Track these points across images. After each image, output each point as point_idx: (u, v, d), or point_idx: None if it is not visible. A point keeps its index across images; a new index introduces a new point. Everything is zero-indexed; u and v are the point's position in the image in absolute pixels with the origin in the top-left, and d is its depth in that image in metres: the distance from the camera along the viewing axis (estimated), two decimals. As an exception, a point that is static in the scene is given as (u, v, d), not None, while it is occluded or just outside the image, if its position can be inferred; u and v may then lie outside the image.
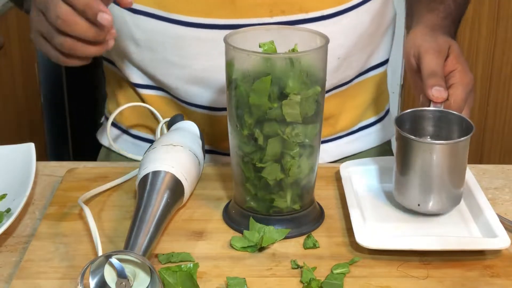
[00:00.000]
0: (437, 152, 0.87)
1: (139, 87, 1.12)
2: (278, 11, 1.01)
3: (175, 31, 1.03)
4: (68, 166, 1.05)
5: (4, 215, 0.90)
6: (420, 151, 0.88)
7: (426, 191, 0.89)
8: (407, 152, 0.89)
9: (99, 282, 0.77)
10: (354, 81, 1.14)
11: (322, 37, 0.87)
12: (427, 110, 0.94)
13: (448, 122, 0.94)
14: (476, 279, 0.81)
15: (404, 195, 0.91)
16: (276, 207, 0.89)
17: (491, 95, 2.28)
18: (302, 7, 1.02)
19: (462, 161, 0.90)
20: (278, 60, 0.83)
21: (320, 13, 1.03)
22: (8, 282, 0.81)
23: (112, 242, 0.87)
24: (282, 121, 0.84)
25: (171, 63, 1.06)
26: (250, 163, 0.87)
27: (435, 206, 0.90)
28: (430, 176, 0.88)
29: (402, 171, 0.90)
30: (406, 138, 0.88)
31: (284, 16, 1.01)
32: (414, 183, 0.89)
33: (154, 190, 0.86)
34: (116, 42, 1.11)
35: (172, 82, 1.08)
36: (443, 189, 0.89)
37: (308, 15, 1.02)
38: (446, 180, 0.89)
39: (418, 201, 0.90)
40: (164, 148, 0.93)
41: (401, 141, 0.89)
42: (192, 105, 1.09)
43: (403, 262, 0.84)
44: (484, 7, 2.19)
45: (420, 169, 0.88)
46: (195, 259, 0.84)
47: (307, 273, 0.81)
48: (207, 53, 1.03)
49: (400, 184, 0.91)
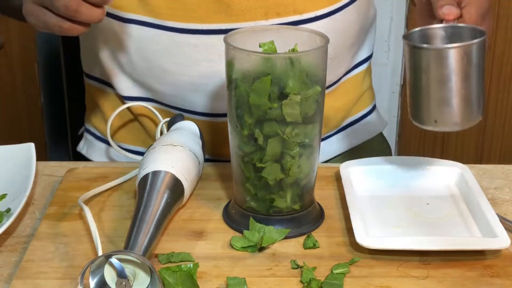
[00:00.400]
0: (451, 57, 0.81)
1: (129, 99, 1.11)
2: (273, 14, 1.01)
3: (169, 39, 1.02)
4: (68, 166, 1.05)
5: (4, 215, 0.90)
6: (432, 59, 0.82)
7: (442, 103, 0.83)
8: (419, 65, 0.83)
9: (99, 282, 0.77)
10: (342, 79, 1.15)
11: (322, 37, 0.87)
12: (436, 28, 0.87)
13: (459, 36, 0.86)
14: (476, 279, 0.81)
15: (420, 115, 0.85)
16: (276, 207, 0.89)
17: (491, 95, 2.28)
18: (296, 9, 1.02)
19: (479, 67, 0.83)
20: (278, 60, 0.83)
21: (314, 14, 1.04)
22: (8, 282, 0.81)
23: (112, 242, 0.87)
24: (282, 121, 0.84)
25: (165, 71, 1.05)
26: (250, 163, 0.87)
27: (453, 119, 0.84)
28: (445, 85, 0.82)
29: (415, 88, 0.84)
30: (417, 49, 0.82)
31: (279, 18, 1.02)
32: (429, 98, 0.83)
33: (154, 190, 0.86)
34: (106, 53, 1.11)
35: (167, 90, 1.07)
36: (461, 99, 0.83)
37: (302, 16, 1.03)
38: (462, 88, 0.82)
39: (434, 117, 0.84)
40: (164, 148, 0.93)
41: (412, 54, 0.84)
42: (190, 112, 1.08)
43: (403, 262, 0.84)
44: (484, 7, 2.19)
45: (434, 80, 0.82)
46: (195, 259, 0.84)
47: (307, 273, 0.81)
48: (204, 59, 1.03)
49: (414, 104, 0.86)
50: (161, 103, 1.10)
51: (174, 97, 1.07)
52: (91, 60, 1.16)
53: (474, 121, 0.86)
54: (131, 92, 1.10)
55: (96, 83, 1.16)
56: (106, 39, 1.08)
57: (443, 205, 0.95)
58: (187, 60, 1.03)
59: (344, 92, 1.16)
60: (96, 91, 1.17)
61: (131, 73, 1.09)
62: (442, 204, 0.95)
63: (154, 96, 1.10)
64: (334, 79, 1.13)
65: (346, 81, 1.16)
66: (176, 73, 1.05)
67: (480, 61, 0.83)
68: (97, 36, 1.10)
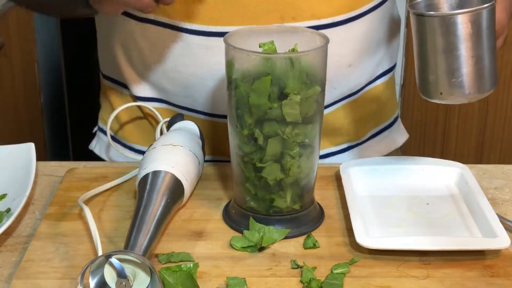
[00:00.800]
0: (457, 23, 0.78)
1: (142, 100, 1.11)
2: (289, 18, 0.99)
3: (183, 40, 1.02)
4: (68, 166, 1.05)
5: (4, 215, 0.90)
6: (438, 27, 0.79)
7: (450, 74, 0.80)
8: (424, 34, 0.80)
9: (99, 282, 0.77)
10: (364, 89, 1.12)
11: (322, 37, 0.87)
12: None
13: (469, 3, 0.83)
14: (476, 279, 0.81)
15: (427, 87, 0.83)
16: (276, 207, 0.89)
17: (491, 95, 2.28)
18: (313, 14, 1.00)
19: (488, 36, 0.80)
20: (278, 60, 0.83)
21: (332, 20, 1.01)
22: (8, 282, 0.81)
23: (112, 242, 0.87)
24: (282, 121, 0.84)
25: (177, 72, 1.05)
26: (250, 163, 0.87)
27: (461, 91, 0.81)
28: (452, 55, 0.79)
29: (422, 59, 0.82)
30: (422, 17, 0.80)
31: (295, 22, 0.99)
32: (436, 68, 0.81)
33: (154, 190, 0.86)
34: (121, 53, 1.11)
35: (179, 91, 1.07)
36: (469, 69, 0.80)
37: (320, 22, 1.00)
38: (471, 57, 0.80)
39: (441, 89, 0.81)
40: (164, 148, 0.93)
41: (417, 24, 0.81)
42: (202, 113, 1.08)
43: (403, 262, 0.84)
44: (484, 7, 2.19)
45: (441, 50, 0.80)
46: (195, 259, 0.84)
47: (307, 273, 0.81)
48: (217, 62, 1.02)
49: (421, 76, 0.83)
50: (173, 104, 1.10)
51: (186, 98, 1.07)
52: (107, 60, 1.17)
53: (484, 93, 0.83)
54: (144, 92, 1.10)
55: (111, 83, 1.16)
56: (122, 39, 1.09)
57: (443, 205, 0.95)
58: (199, 62, 1.03)
59: (367, 102, 1.13)
60: (111, 90, 1.17)
61: (145, 73, 1.09)
62: (442, 204, 0.95)
63: (165, 97, 1.09)
64: (356, 88, 1.10)
65: (369, 91, 1.13)
66: (188, 75, 1.04)
67: (489, 28, 0.80)
68: (114, 35, 1.11)
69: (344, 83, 1.07)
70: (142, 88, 1.10)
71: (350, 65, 1.05)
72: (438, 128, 2.33)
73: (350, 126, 1.13)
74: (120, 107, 1.09)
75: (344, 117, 1.11)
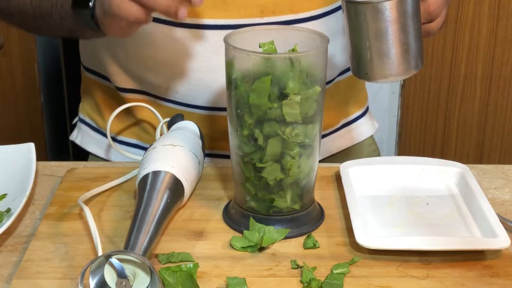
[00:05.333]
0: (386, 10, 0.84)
1: (123, 91, 1.12)
2: (269, 12, 1.02)
3: (164, 32, 1.03)
4: (68, 166, 1.05)
5: (4, 215, 0.90)
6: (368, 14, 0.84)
7: (381, 56, 0.86)
8: (356, 21, 0.86)
9: (99, 282, 0.77)
10: (335, 80, 1.15)
11: (322, 37, 0.87)
12: None
13: None
14: (476, 279, 0.81)
15: (362, 69, 0.88)
16: (276, 207, 0.89)
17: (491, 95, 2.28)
18: (292, 8, 1.03)
19: (414, 18, 0.86)
20: (278, 60, 0.83)
21: (309, 14, 1.04)
22: (8, 282, 0.81)
23: (112, 242, 0.87)
24: (282, 121, 0.84)
25: (159, 63, 1.06)
26: (250, 163, 0.87)
27: (392, 70, 0.87)
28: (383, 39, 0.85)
29: (355, 43, 0.87)
30: (353, 5, 0.85)
31: (274, 16, 1.02)
32: (370, 51, 0.86)
33: (154, 190, 0.86)
34: (102, 45, 1.11)
35: (161, 82, 1.08)
36: (399, 50, 0.86)
37: (298, 16, 1.03)
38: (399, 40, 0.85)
39: (375, 69, 0.87)
40: (164, 148, 0.93)
41: (348, 11, 0.86)
42: (184, 105, 1.09)
43: (403, 262, 0.84)
44: (484, 7, 2.19)
45: (372, 34, 0.85)
46: (195, 259, 0.84)
47: (307, 273, 0.81)
48: (198, 54, 1.03)
49: (356, 59, 0.88)
50: (155, 96, 1.10)
51: (167, 89, 1.08)
52: (88, 52, 1.18)
53: (410, 73, 0.88)
54: (126, 84, 1.12)
55: (93, 76, 1.17)
56: None
57: (443, 205, 0.95)
58: (181, 54, 1.04)
59: (337, 92, 1.16)
60: (93, 83, 1.18)
61: (127, 65, 1.09)
62: (442, 204, 0.95)
63: (147, 89, 1.11)
64: (328, 79, 1.13)
65: (339, 82, 1.16)
66: (170, 66, 1.05)
67: (414, 13, 0.85)
68: None
69: None
70: (123, 79, 1.11)
71: None
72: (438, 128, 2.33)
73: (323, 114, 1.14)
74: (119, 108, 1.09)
75: None
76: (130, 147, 1.17)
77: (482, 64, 2.26)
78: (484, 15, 2.20)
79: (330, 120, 1.18)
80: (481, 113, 2.30)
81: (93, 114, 1.20)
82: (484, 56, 2.25)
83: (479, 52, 2.24)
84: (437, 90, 2.29)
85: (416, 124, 2.34)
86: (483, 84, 2.28)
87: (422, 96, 2.30)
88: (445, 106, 2.30)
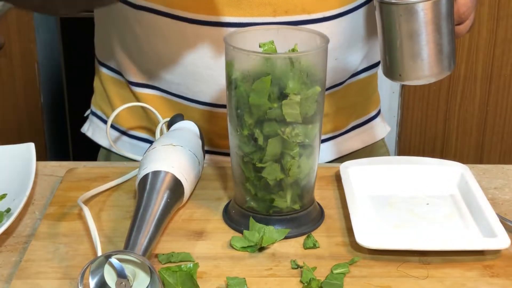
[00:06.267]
0: (419, 11, 0.84)
1: (135, 85, 1.12)
2: (281, 11, 1.02)
3: (178, 28, 1.03)
4: (68, 166, 1.05)
5: (4, 215, 0.90)
6: (402, 14, 0.84)
7: (414, 57, 0.86)
8: (387, 20, 0.86)
9: (99, 282, 0.77)
10: (347, 82, 1.14)
11: (322, 37, 0.87)
12: None
13: None
14: (476, 279, 0.81)
15: (393, 70, 0.88)
16: (276, 207, 0.89)
17: (491, 95, 2.28)
18: (304, 8, 1.02)
19: (448, 20, 0.86)
20: (278, 60, 0.83)
21: (322, 15, 1.04)
22: (8, 282, 0.81)
23: (111, 242, 0.87)
24: (282, 121, 0.84)
25: (172, 60, 1.06)
26: (250, 163, 0.87)
27: (425, 72, 0.87)
28: (416, 39, 0.85)
29: (387, 44, 0.87)
30: (386, 5, 0.85)
31: (287, 16, 1.02)
32: (402, 52, 0.86)
33: (154, 190, 0.86)
34: (116, 40, 1.12)
35: (174, 79, 1.08)
36: (432, 52, 0.86)
37: (311, 16, 1.03)
38: (433, 41, 0.85)
39: (406, 70, 0.87)
40: (164, 148, 0.93)
41: (382, 11, 0.86)
42: (194, 101, 1.09)
43: (403, 262, 0.84)
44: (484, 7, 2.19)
45: (405, 35, 0.85)
46: (195, 259, 0.84)
47: (307, 273, 0.81)
48: (210, 51, 1.04)
49: (388, 60, 0.88)
50: (167, 91, 1.11)
51: (180, 85, 1.08)
52: (102, 46, 1.18)
53: (442, 75, 0.88)
54: (138, 78, 1.12)
55: (106, 70, 1.18)
56: (118, 26, 1.10)
57: (443, 205, 0.95)
58: (194, 51, 1.04)
59: (349, 94, 1.16)
60: (106, 77, 1.18)
61: (139, 59, 1.10)
62: (442, 204, 0.95)
63: (160, 85, 1.11)
64: (338, 80, 1.13)
65: (351, 84, 1.15)
66: (183, 63, 1.06)
67: (448, 14, 0.85)
68: (110, 22, 1.12)
69: (329, 75, 1.09)
70: (136, 74, 1.12)
71: (336, 59, 1.08)
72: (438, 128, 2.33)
73: (331, 116, 1.14)
74: (121, 106, 1.10)
75: (327, 106, 1.12)
76: (140, 141, 1.17)
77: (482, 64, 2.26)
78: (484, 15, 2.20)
79: (341, 122, 1.17)
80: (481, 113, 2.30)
81: (105, 107, 1.20)
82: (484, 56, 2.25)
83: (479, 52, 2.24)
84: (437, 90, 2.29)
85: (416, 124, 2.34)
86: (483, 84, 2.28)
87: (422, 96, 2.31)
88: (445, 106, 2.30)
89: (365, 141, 1.21)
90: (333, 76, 1.10)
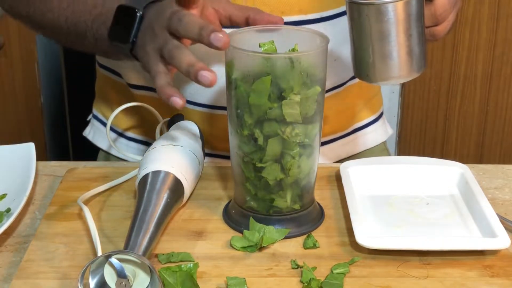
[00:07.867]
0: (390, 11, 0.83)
1: (134, 87, 1.12)
2: (278, 12, 1.02)
3: None
4: (68, 166, 1.05)
5: (4, 215, 0.90)
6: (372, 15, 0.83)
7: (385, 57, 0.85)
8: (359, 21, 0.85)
9: (99, 282, 0.77)
10: (348, 83, 1.14)
11: (322, 37, 0.87)
12: None
13: None
14: (476, 279, 0.81)
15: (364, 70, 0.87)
16: (276, 207, 0.89)
17: (491, 95, 2.28)
18: (301, 9, 1.02)
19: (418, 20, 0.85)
20: (278, 60, 0.83)
21: (319, 15, 1.04)
22: (8, 282, 0.81)
23: (111, 242, 0.87)
24: (282, 121, 0.84)
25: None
26: (250, 163, 0.87)
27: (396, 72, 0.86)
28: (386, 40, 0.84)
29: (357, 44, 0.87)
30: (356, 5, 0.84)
31: (283, 16, 1.02)
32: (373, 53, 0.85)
33: (154, 190, 0.86)
34: None
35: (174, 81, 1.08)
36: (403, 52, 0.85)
37: (307, 17, 1.03)
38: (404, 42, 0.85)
39: (374, 71, 0.86)
40: (164, 148, 0.93)
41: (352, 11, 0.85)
42: (192, 103, 1.09)
43: (403, 262, 0.84)
44: (484, 7, 2.19)
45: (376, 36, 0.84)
46: (195, 259, 0.84)
47: (307, 273, 0.81)
48: (206, 52, 1.03)
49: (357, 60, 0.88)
50: None
51: (179, 87, 1.08)
52: None
53: (413, 76, 0.87)
54: (137, 80, 1.12)
55: (107, 72, 1.18)
56: None
57: (443, 205, 0.95)
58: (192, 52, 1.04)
59: (349, 96, 1.15)
60: (106, 79, 1.18)
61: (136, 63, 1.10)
62: (442, 204, 0.95)
63: None
64: (338, 82, 1.12)
65: (352, 86, 1.15)
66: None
67: (418, 15, 0.84)
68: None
69: (329, 76, 1.08)
70: (135, 76, 1.11)
71: (335, 60, 1.07)
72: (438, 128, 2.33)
73: (332, 118, 1.14)
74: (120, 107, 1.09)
75: (327, 108, 1.12)
76: (140, 144, 1.17)
77: (482, 64, 2.26)
78: (484, 15, 2.20)
79: (341, 124, 1.17)
80: (481, 113, 2.30)
81: (105, 111, 1.20)
82: (484, 56, 2.25)
83: (479, 52, 2.24)
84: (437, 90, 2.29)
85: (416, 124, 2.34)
86: (483, 84, 2.28)
87: (422, 96, 2.31)
88: (445, 106, 2.30)
89: (364, 145, 1.21)
90: (333, 77, 1.10)
